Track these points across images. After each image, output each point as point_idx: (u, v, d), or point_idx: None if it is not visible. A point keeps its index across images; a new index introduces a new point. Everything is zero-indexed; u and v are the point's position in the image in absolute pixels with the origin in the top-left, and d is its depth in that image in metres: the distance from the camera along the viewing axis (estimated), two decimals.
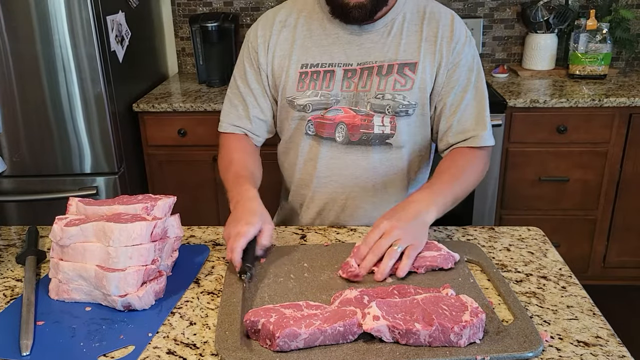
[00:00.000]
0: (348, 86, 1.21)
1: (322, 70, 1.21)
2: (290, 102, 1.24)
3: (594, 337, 0.84)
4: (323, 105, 1.22)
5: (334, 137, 1.23)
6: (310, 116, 1.23)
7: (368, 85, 1.20)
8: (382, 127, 1.21)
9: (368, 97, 1.21)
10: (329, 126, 1.23)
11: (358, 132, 1.22)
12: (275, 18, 1.26)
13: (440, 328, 0.79)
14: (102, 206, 0.98)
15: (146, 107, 2.31)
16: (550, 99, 2.25)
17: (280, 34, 1.24)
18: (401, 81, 1.20)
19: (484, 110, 1.23)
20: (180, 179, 2.42)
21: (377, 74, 1.20)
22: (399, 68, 1.20)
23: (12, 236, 1.21)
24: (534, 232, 1.18)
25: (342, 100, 1.22)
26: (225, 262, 1.07)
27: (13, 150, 2.14)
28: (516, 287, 0.98)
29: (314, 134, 1.25)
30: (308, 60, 1.22)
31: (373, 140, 1.23)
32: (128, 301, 0.90)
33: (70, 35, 2.00)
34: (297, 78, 1.22)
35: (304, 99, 1.22)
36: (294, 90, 1.23)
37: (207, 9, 2.79)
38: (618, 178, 2.37)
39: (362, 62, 1.21)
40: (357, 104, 1.21)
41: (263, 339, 0.80)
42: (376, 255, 0.97)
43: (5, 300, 0.97)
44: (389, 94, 1.20)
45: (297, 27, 1.24)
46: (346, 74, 1.21)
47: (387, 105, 1.20)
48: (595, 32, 2.49)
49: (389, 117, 1.21)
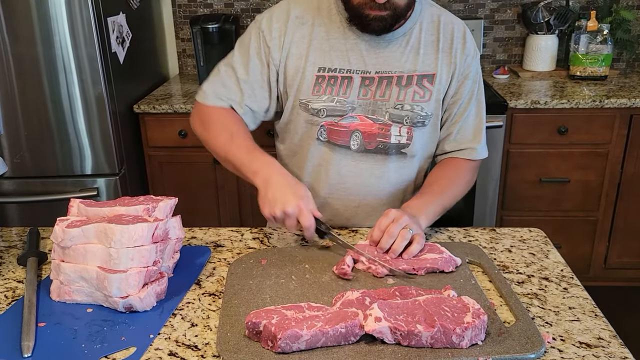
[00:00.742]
0: (365, 94, 1.19)
1: (340, 76, 1.19)
2: (303, 105, 1.21)
3: (596, 338, 0.84)
4: (338, 112, 1.20)
5: (348, 144, 1.21)
6: (323, 122, 1.21)
7: (387, 95, 1.19)
8: (399, 137, 1.21)
9: (387, 107, 1.20)
10: (343, 133, 1.21)
11: (375, 141, 1.21)
12: (291, 12, 1.20)
13: (442, 329, 0.79)
14: (103, 207, 0.98)
15: (147, 108, 2.31)
16: (551, 100, 2.25)
17: (297, 31, 1.19)
18: (420, 92, 1.20)
19: (482, 124, 1.27)
20: (181, 180, 2.42)
21: (396, 84, 1.19)
22: (418, 79, 1.20)
23: (13, 237, 1.21)
24: (536, 233, 1.18)
25: (357, 108, 1.20)
26: (227, 263, 1.07)
27: (14, 151, 2.14)
28: (518, 288, 0.98)
29: (327, 140, 1.22)
30: (326, 64, 1.19)
31: (390, 149, 1.22)
32: (129, 302, 0.90)
33: (71, 36, 2.00)
34: (313, 81, 1.19)
35: (319, 104, 1.20)
36: (309, 93, 1.20)
37: (208, 10, 2.80)
38: (619, 179, 2.37)
39: (380, 71, 1.19)
40: (375, 113, 1.20)
41: (265, 341, 0.80)
42: (392, 237, 1.01)
43: (6, 301, 0.97)
44: (408, 105, 1.20)
45: (314, 27, 1.20)
46: (363, 81, 1.19)
47: (406, 116, 1.20)
48: (596, 33, 2.49)
49: (406, 128, 1.21)
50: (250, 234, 1.20)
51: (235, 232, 1.21)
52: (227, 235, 1.19)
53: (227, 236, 1.19)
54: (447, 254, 1.02)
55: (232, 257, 1.10)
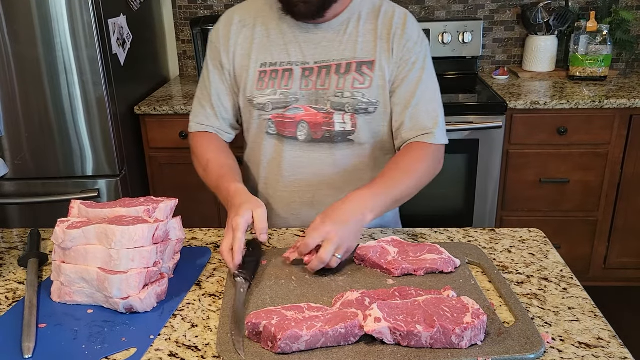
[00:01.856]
0: (307, 85, 1.22)
1: (281, 69, 1.23)
2: (250, 101, 1.26)
3: (595, 338, 0.84)
4: (282, 103, 1.23)
5: (295, 135, 1.24)
6: (270, 115, 1.24)
7: (327, 84, 1.22)
8: (343, 125, 1.23)
9: (328, 96, 1.22)
10: (290, 125, 1.24)
11: (320, 130, 1.23)
12: (234, 18, 1.28)
13: (441, 330, 0.79)
14: (104, 209, 0.98)
15: (148, 109, 2.32)
16: (550, 101, 2.25)
17: (240, 34, 1.26)
18: (360, 79, 1.21)
19: (437, 110, 1.24)
20: (181, 182, 2.43)
21: (335, 72, 1.22)
22: (357, 66, 1.22)
23: (14, 239, 1.21)
24: (535, 233, 1.18)
25: (301, 98, 1.23)
26: None
27: (15, 153, 2.15)
28: (517, 288, 0.98)
29: (276, 133, 1.26)
30: (267, 59, 1.24)
31: (336, 137, 1.24)
32: (130, 303, 0.90)
33: (72, 38, 2.00)
34: (256, 77, 1.24)
35: (264, 98, 1.24)
36: (253, 89, 1.24)
37: (208, 12, 2.80)
38: (619, 179, 2.37)
39: (319, 61, 1.22)
40: (318, 102, 1.23)
41: (265, 341, 0.80)
42: (323, 264, 0.98)
43: (7, 302, 0.97)
44: (348, 92, 1.22)
45: (255, 27, 1.26)
46: (304, 72, 1.22)
47: (347, 103, 1.22)
48: (596, 34, 2.49)
49: (349, 115, 1.22)
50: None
51: None
52: None
53: None
54: (446, 254, 1.02)
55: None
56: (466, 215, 2.39)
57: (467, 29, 2.66)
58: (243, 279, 0.94)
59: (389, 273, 1.00)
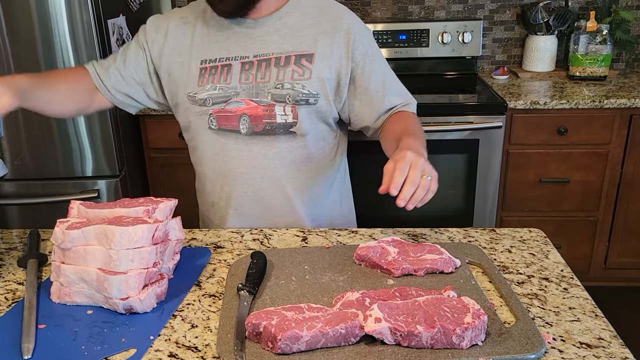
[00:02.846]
0: (246, 78, 1.23)
1: (220, 64, 1.24)
2: (191, 98, 1.26)
3: (596, 338, 0.84)
4: (222, 98, 1.24)
5: (238, 129, 1.25)
6: (211, 109, 1.25)
7: (267, 77, 1.23)
8: (284, 117, 1.24)
9: (268, 88, 1.23)
10: (231, 118, 1.25)
11: (261, 123, 1.24)
12: (177, 14, 1.30)
13: (442, 330, 0.79)
14: (103, 209, 0.98)
15: (147, 110, 2.31)
16: (550, 101, 2.25)
17: (179, 30, 1.27)
18: (299, 71, 1.23)
19: (406, 90, 1.32)
20: (181, 182, 2.42)
21: (275, 65, 1.23)
22: (296, 59, 1.23)
23: (13, 239, 1.21)
24: (536, 233, 1.18)
25: (241, 92, 1.24)
26: (227, 265, 1.07)
27: (14, 153, 2.15)
28: (518, 288, 0.98)
29: (217, 127, 1.26)
30: (207, 57, 1.25)
31: (277, 129, 1.25)
32: (130, 304, 0.90)
33: (71, 38, 2.00)
34: (197, 74, 1.25)
35: (204, 93, 1.25)
36: (195, 85, 1.25)
37: None
38: (619, 179, 2.37)
39: (258, 54, 1.24)
40: (258, 95, 1.24)
41: (265, 342, 0.80)
42: (414, 185, 0.97)
43: (6, 303, 0.97)
44: (288, 84, 1.23)
45: (197, 26, 1.27)
46: (243, 66, 1.24)
47: (287, 95, 1.23)
48: (595, 34, 2.49)
49: (290, 106, 1.24)
50: (250, 235, 1.20)
51: (235, 233, 1.21)
52: (227, 237, 1.19)
53: (227, 237, 1.19)
54: (446, 255, 1.02)
55: (232, 259, 1.10)
56: (466, 215, 2.39)
57: (466, 29, 2.66)
58: (247, 292, 0.93)
59: (389, 273, 1.00)
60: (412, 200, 0.98)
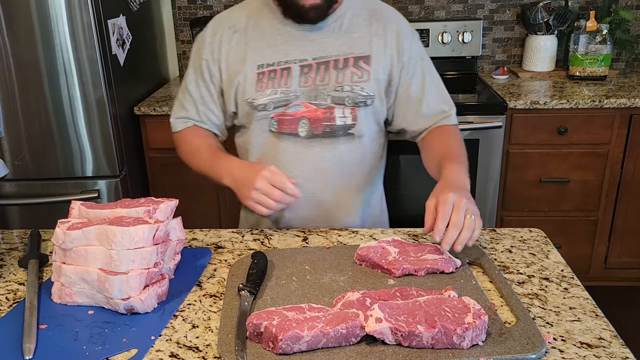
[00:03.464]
0: (305, 81, 1.24)
1: (279, 68, 1.24)
2: (250, 104, 1.26)
3: (596, 338, 0.84)
4: (283, 101, 1.25)
5: (296, 132, 1.26)
6: (272, 113, 1.26)
7: (326, 79, 1.24)
8: (343, 119, 1.25)
9: (327, 91, 1.24)
10: (290, 122, 1.25)
11: (321, 125, 1.25)
12: (225, 25, 1.28)
13: (442, 330, 0.79)
14: (104, 209, 0.98)
15: (147, 110, 2.31)
16: (550, 101, 2.25)
17: (232, 40, 1.27)
18: (358, 73, 1.24)
19: (446, 93, 1.32)
20: (181, 182, 2.42)
21: (334, 67, 1.24)
22: (355, 61, 1.24)
23: (14, 240, 1.21)
24: (536, 233, 1.18)
25: (301, 95, 1.24)
26: (228, 265, 1.07)
27: (15, 153, 2.15)
28: (518, 288, 0.98)
29: (277, 131, 1.27)
30: (263, 61, 1.25)
31: (336, 131, 1.26)
32: (130, 304, 0.90)
33: (72, 38, 2.00)
34: (254, 79, 1.25)
35: (264, 98, 1.25)
36: (253, 91, 1.25)
37: (208, 12, 2.80)
38: (619, 179, 2.37)
39: (317, 57, 1.24)
40: (317, 98, 1.24)
41: (266, 342, 0.80)
42: (458, 228, 0.97)
43: (8, 303, 0.97)
44: (348, 86, 1.24)
45: (247, 31, 1.26)
46: (302, 69, 1.24)
47: (347, 97, 1.24)
48: (595, 34, 2.49)
49: (349, 108, 1.25)
50: (250, 235, 1.20)
51: (236, 233, 1.21)
52: (228, 237, 1.19)
53: (228, 237, 1.19)
54: (447, 255, 1.02)
55: (232, 259, 1.10)
56: None
57: (466, 29, 2.66)
58: (248, 292, 0.93)
59: (389, 273, 1.00)
60: (458, 242, 0.98)
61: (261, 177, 1.08)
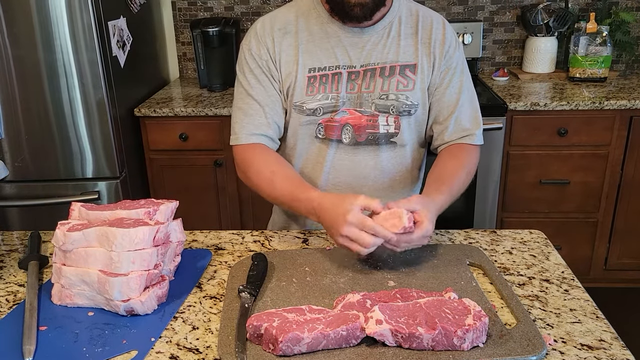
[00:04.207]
0: (352, 88, 1.23)
1: (330, 73, 1.22)
2: (298, 107, 1.24)
3: (597, 340, 0.84)
4: (332, 108, 1.23)
5: (340, 138, 1.25)
6: (321, 119, 1.24)
7: (372, 87, 1.23)
8: (387, 127, 1.24)
9: (372, 98, 1.23)
10: (335, 128, 1.24)
11: (364, 133, 1.24)
12: (274, 26, 1.24)
13: (443, 332, 0.79)
14: (104, 211, 0.98)
15: (147, 111, 2.32)
16: (550, 102, 2.25)
17: (283, 42, 1.23)
18: (403, 82, 1.23)
19: (477, 111, 1.29)
20: (181, 184, 2.43)
21: (380, 75, 1.23)
22: (401, 70, 1.23)
23: (14, 241, 1.21)
24: (536, 235, 1.18)
25: (347, 102, 1.24)
26: (228, 266, 1.07)
27: (15, 155, 2.15)
28: (519, 290, 0.98)
29: (323, 136, 1.26)
30: (315, 64, 1.22)
31: (379, 139, 1.25)
32: (131, 306, 0.90)
33: (72, 40, 2.00)
34: (305, 83, 1.22)
35: (315, 103, 1.23)
36: (303, 95, 1.23)
37: (208, 14, 2.80)
38: (619, 180, 2.37)
39: (364, 64, 1.23)
40: (362, 105, 1.23)
41: (266, 344, 0.80)
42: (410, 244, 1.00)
43: (8, 305, 0.97)
44: (393, 95, 1.23)
45: (298, 33, 1.24)
46: (350, 75, 1.23)
47: (392, 106, 1.23)
48: (595, 35, 2.49)
49: (393, 117, 1.24)
50: (251, 236, 1.20)
51: (236, 235, 1.21)
52: (228, 238, 1.19)
53: (228, 239, 1.19)
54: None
55: (233, 260, 1.10)
56: (467, 217, 2.38)
57: (467, 31, 2.66)
58: (248, 294, 0.93)
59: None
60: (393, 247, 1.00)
61: (348, 224, 0.97)
